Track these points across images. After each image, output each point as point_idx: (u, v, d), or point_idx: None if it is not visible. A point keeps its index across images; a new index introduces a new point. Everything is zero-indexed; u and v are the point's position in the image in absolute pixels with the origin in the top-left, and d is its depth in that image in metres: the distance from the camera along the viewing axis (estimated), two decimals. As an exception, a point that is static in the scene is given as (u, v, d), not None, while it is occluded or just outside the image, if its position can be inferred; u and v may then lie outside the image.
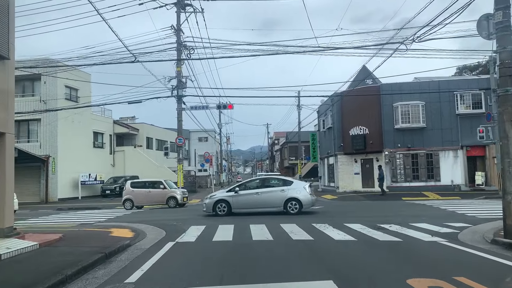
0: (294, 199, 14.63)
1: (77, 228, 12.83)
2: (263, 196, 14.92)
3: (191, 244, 8.95)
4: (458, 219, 12.29)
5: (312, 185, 16.02)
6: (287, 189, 14.82)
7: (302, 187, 15.00)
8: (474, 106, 25.98)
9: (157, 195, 21.56)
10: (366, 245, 8.13)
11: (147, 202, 21.64)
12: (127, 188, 21.83)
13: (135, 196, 21.39)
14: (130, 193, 21.53)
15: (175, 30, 23.78)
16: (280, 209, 14.73)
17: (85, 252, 7.77)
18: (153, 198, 21.56)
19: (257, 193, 15.07)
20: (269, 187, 15.32)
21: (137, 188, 21.70)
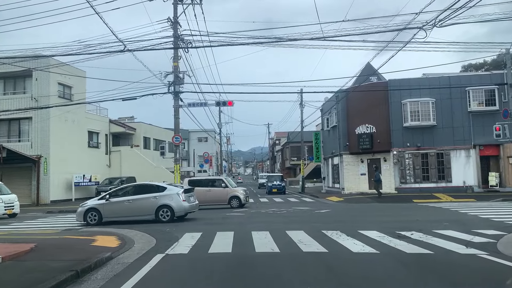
0: (165, 206, 13.97)
1: (59, 234, 11.49)
2: (135, 204, 14.13)
3: (183, 257, 7.61)
4: (485, 225, 10.94)
5: (189, 191, 15.11)
6: (159, 196, 14.11)
7: (176, 193, 14.23)
8: (487, 102, 24.63)
9: (217, 194, 19.88)
10: (393, 260, 6.78)
11: (206, 202, 19.52)
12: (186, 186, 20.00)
13: (196, 195, 19.58)
14: None
15: (172, 22, 22.42)
16: (152, 217, 13.99)
17: (53, 268, 6.43)
18: (213, 198, 19.81)
19: (128, 201, 14.23)
20: (142, 194, 14.42)
21: (195, 187, 19.47)
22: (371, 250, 7.57)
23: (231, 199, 19.62)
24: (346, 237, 9.18)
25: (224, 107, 59.29)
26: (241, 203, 19.60)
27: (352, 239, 8.94)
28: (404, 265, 6.35)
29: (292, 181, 53.09)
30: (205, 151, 41.29)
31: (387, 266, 6.37)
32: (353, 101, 27.61)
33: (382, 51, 19.58)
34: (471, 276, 5.79)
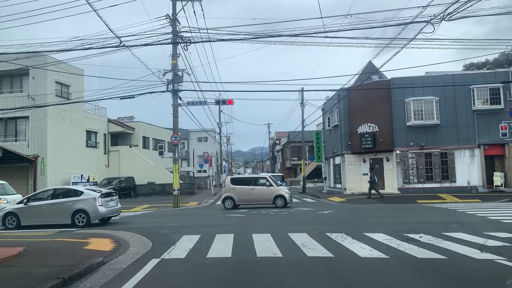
0: (81, 211, 13.95)
1: (52, 237, 11.02)
2: (51, 208, 14.10)
3: (180, 262, 7.14)
4: (496, 227, 10.48)
5: (108, 196, 14.80)
6: (76, 200, 14.08)
7: (92, 198, 14.10)
8: (492, 101, 24.13)
9: (261, 193, 19.18)
10: (404, 265, 6.32)
11: (249, 201, 19.36)
12: (227, 184, 19.72)
13: (237, 194, 19.18)
14: (231, 190, 19.33)
15: (170, 19, 21.97)
16: (68, 221, 13.92)
17: (40, 275, 5.99)
18: (257, 197, 19.18)
19: (46, 205, 14.21)
20: (59, 199, 14.32)
21: (238, 185, 19.45)
22: (379, 255, 7.11)
23: (276, 198, 18.95)
24: (351, 240, 8.73)
25: (224, 106, 58.84)
26: (286, 202, 18.97)
27: (358, 242, 8.49)
28: (417, 271, 5.89)
29: (292, 181, 52.63)
30: (205, 151, 40.78)
31: (399, 273, 5.91)
32: (355, 100, 27.15)
33: (384, 50, 19.13)
34: (491, 284, 5.34)
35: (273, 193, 19.06)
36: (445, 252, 7.17)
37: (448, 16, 10.68)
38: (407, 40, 16.18)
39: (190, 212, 18.91)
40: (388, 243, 8.30)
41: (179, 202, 22.16)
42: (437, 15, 10.96)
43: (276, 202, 18.88)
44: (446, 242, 8.27)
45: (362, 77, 26.56)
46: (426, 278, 5.50)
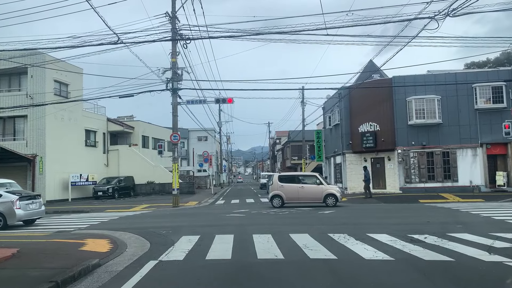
0: None
1: (48, 238, 10.79)
2: None
3: (178, 264, 6.91)
4: (502, 227, 10.26)
5: (30, 198, 14.66)
6: None
7: (10, 201, 13.97)
8: (494, 100, 23.91)
9: (311, 192, 18.64)
10: (411, 268, 6.09)
11: (299, 200, 18.83)
12: (275, 182, 19.10)
13: (285, 192, 18.69)
14: (279, 188, 18.83)
15: (170, 17, 21.73)
16: None
17: (32, 278, 5.77)
18: (307, 195, 18.67)
19: None
20: None
21: (286, 183, 18.88)
22: (384, 257, 6.87)
23: (327, 197, 18.43)
24: (354, 241, 8.50)
25: (224, 105, 58.58)
26: (338, 201, 18.50)
27: (361, 243, 8.26)
28: (425, 275, 5.66)
29: (293, 181, 52.42)
30: (204, 150, 40.57)
31: (405, 276, 5.68)
32: (356, 99, 26.95)
33: (385, 48, 18.91)
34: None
35: (323, 192, 18.50)
36: (452, 254, 6.95)
37: (452, 12, 10.45)
38: (409, 38, 15.98)
39: (189, 212, 18.69)
40: (393, 244, 8.07)
41: (178, 202, 21.94)
42: (442, 11, 10.74)
43: (327, 201, 18.35)
44: (451, 243, 8.05)
45: (363, 75, 26.36)
46: (435, 282, 5.27)
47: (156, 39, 14.77)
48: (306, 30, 12.89)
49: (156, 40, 14.77)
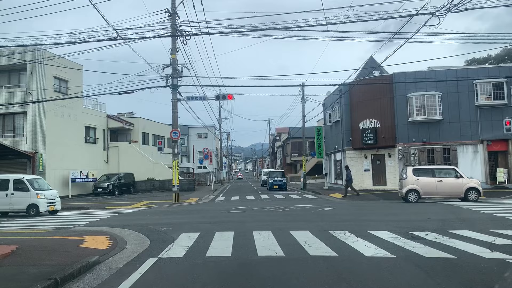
0: None
1: (48, 234, 10.76)
2: None
3: (178, 261, 6.87)
4: (503, 224, 10.22)
5: None
6: None
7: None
8: (495, 96, 23.83)
9: (451, 186, 17.51)
10: (412, 265, 6.05)
11: (437, 194, 17.80)
12: (409, 176, 17.87)
13: (421, 186, 17.60)
14: (414, 182, 17.72)
15: (169, 13, 21.62)
16: None
17: (31, 275, 5.73)
18: (446, 189, 17.60)
19: None
20: None
21: (422, 177, 17.74)
22: (385, 254, 6.84)
23: (468, 191, 17.33)
24: (355, 238, 8.47)
25: (224, 102, 58.42)
26: (480, 195, 17.37)
27: (362, 240, 8.22)
28: (427, 272, 5.62)
29: (293, 178, 52.49)
30: (204, 147, 40.48)
31: (407, 274, 5.63)
32: (357, 95, 26.88)
33: (386, 44, 18.82)
34: (508, 286, 5.07)
35: (464, 186, 17.41)
36: (454, 251, 6.91)
37: (454, 7, 10.37)
38: (410, 34, 15.88)
39: (189, 209, 18.65)
40: (393, 241, 8.04)
41: (178, 199, 21.91)
42: (443, 7, 10.65)
43: (468, 196, 17.27)
44: (453, 240, 8.01)
45: (364, 72, 26.28)
46: (436, 280, 5.23)
47: (156, 35, 14.69)
48: (307, 26, 12.81)
49: (156, 36, 14.69)
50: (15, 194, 17.11)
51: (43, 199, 17.20)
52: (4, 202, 17.17)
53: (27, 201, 17.02)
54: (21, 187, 17.15)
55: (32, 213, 16.99)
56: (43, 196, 17.27)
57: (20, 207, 17.16)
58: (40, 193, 17.22)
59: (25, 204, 17.04)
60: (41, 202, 17.10)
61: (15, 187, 17.16)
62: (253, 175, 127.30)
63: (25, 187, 17.09)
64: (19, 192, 17.11)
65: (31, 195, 17.03)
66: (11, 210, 17.50)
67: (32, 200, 17.01)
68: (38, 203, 17.03)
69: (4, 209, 17.42)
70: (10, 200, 17.12)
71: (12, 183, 17.27)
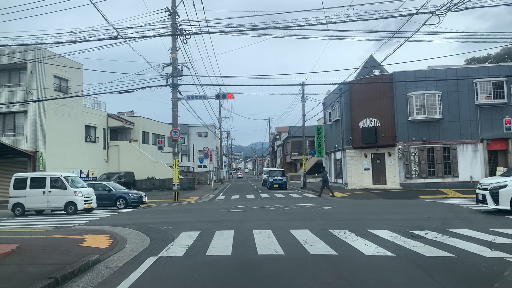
0: None
1: (48, 233, 10.78)
2: None
3: (178, 260, 6.89)
4: (503, 223, 10.24)
5: None
6: None
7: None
8: (495, 95, 23.80)
9: None
10: (411, 264, 6.06)
11: None
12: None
13: None
14: None
15: (170, 12, 21.62)
16: None
17: (32, 274, 5.74)
18: None
19: None
20: None
21: None
22: (385, 253, 6.85)
23: None
24: (355, 237, 8.48)
25: (224, 101, 58.38)
26: None
27: (362, 239, 8.24)
28: (426, 271, 5.63)
29: (293, 176, 52.47)
30: (205, 146, 40.50)
31: (406, 272, 5.65)
32: (357, 94, 26.86)
33: (386, 43, 18.81)
34: (508, 285, 5.08)
35: None
36: (453, 250, 6.92)
37: (454, 6, 10.37)
38: (410, 33, 15.88)
39: (189, 208, 18.68)
40: (393, 240, 8.05)
41: (178, 198, 21.93)
42: (443, 6, 10.65)
43: None
44: (452, 239, 8.02)
45: (364, 71, 26.27)
46: (436, 278, 5.24)
47: (156, 34, 14.69)
48: (307, 25, 12.81)
49: (156, 35, 14.69)
50: (52, 192, 17.10)
51: (80, 196, 17.19)
52: (41, 200, 17.16)
53: (64, 199, 17.03)
54: (58, 185, 17.15)
55: (70, 211, 16.98)
56: (81, 193, 17.27)
57: (58, 205, 17.16)
58: (77, 191, 17.21)
59: (63, 202, 17.04)
60: (78, 199, 17.10)
61: (52, 185, 17.16)
62: (253, 174, 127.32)
63: (63, 185, 17.09)
64: (57, 189, 17.11)
65: (68, 193, 17.03)
66: (49, 208, 17.45)
67: (70, 198, 17.01)
68: (76, 201, 17.02)
69: (41, 207, 17.45)
70: (47, 198, 17.11)
71: (49, 180, 17.24)
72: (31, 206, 17.46)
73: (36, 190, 17.20)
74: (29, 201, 17.30)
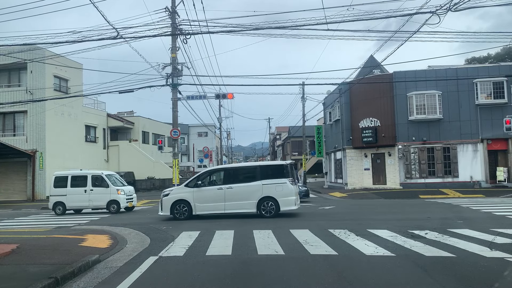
0: None
1: (48, 233, 10.77)
2: None
3: (178, 260, 6.89)
4: (503, 223, 10.24)
5: None
6: None
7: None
8: (495, 95, 23.79)
9: None
10: (412, 264, 6.06)
11: None
12: None
13: None
14: None
15: (170, 12, 21.60)
16: None
17: (31, 274, 5.74)
18: None
19: None
20: None
21: None
22: (385, 253, 6.85)
23: None
24: (355, 237, 8.48)
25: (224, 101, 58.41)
26: None
27: (362, 239, 8.23)
28: (426, 271, 5.63)
29: (293, 176, 52.38)
30: (205, 146, 40.50)
31: (407, 272, 5.65)
32: (357, 94, 26.85)
33: (386, 43, 18.80)
34: (508, 285, 5.08)
35: None
36: (453, 250, 6.92)
37: (454, 6, 10.36)
38: (410, 33, 15.87)
39: None
40: (393, 240, 8.05)
41: (178, 197, 21.85)
42: (443, 6, 10.65)
43: None
44: (452, 239, 8.02)
45: (364, 71, 26.25)
46: (436, 278, 5.24)
47: (156, 34, 14.68)
48: (307, 25, 12.80)
49: (156, 35, 14.67)
50: (94, 191, 16.90)
51: (123, 195, 17.00)
52: (82, 199, 16.95)
53: (107, 197, 16.81)
54: (99, 183, 16.96)
55: (112, 209, 16.78)
56: (123, 192, 17.09)
57: (100, 204, 16.95)
58: (120, 189, 17.01)
59: (105, 200, 16.83)
60: (121, 198, 16.89)
61: (94, 183, 16.96)
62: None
63: (105, 183, 16.90)
64: (98, 188, 16.91)
65: (111, 191, 16.83)
66: (90, 207, 17.26)
67: (112, 196, 16.80)
68: (118, 199, 16.81)
69: (82, 205, 17.23)
70: (89, 196, 16.91)
71: (91, 179, 17.03)
72: (72, 205, 17.15)
73: (77, 188, 16.95)
74: (70, 199, 17.00)
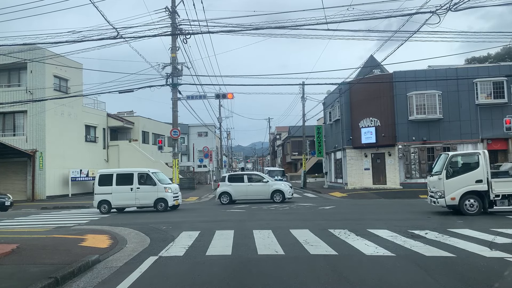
0: None
1: (48, 233, 10.77)
2: None
3: (178, 260, 6.88)
4: (503, 223, 10.24)
5: None
6: None
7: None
8: (495, 95, 23.80)
9: None
10: (412, 264, 6.06)
11: None
12: None
13: None
14: None
15: (170, 12, 21.62)
16: None
17: (32, 274, 5.74)
18: None
19: None
20: None
21: None
22: (385, 253, 6.85)
23: None
24: (355, 237, 8.47)
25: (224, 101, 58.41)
26: None
27: (362, 239, 8.23)
28: (426, 270, 5.63)
29: (293, 176, 52.47)
30: (205, 145, 40.48)
31: (407, 272, 5.65)
32: (357, 94, 26.85)
33: (386, 43, 18.81)
34: (507, 285, 5.08)
35: None
36: (453, 250, 6.92)
37: (454, 6, 10.37)
38: (411, 32, 15.87)
39: (189, 207, 18.67)
40: (393, 240, 8.05)
41: (178, 197, 21.87)
42: (443, 5, 10.65)
43: None
44: (452, 239, 8.02)
45: (364, 71, 26.26)
46: (436, 278, 5.24)
47: (156, 34, 14.67)
48: (307, 25, 12.80)
49: (156, 35, 14.67)
50: (140, 189, 16.45)
51: (170, 193, 16.61)
52: (129, 197, 16.52)
53: (154, 195, 16.39)
54: (146, 181, 16.53)
55: (160, 208, 16.40)
56: (170, 190, 16.70)
57: (148, 202, 16.53)
58: (167, 187, 16.64)
59: (153, 198, 16.41)
60: (169, 196, 16.50)
61: (140, 181, 16.54)
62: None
63: (151, 181, 16.45)
64: (145, 186, 16.47)
65: (158, 189, 16.40)
66: (137, 205, 16.87)
67: (160, 194, 16.39)
68: (166, 197, 16.41)
69: (129, 204, 16.84)
70: (135, 194, 16.46)
71: (137, 177, 16.59)
72: (118, 203, 16.74)
73: (123, 186, 16.51)
74: (115, 198, 16.59)
